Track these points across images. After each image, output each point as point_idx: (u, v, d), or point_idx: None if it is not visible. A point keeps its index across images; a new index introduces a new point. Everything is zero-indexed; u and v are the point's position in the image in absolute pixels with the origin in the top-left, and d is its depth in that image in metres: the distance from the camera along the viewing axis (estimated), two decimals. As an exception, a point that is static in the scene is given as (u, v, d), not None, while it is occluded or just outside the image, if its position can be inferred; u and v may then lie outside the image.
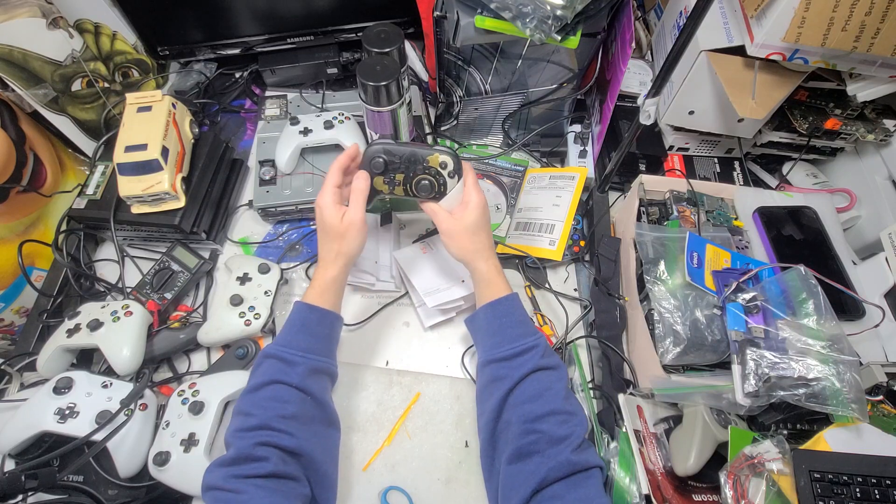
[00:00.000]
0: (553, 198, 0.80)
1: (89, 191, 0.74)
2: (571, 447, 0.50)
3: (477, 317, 0.62)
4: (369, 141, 0.77)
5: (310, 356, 0.57)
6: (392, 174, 0.61)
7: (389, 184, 0.61)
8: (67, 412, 0.57)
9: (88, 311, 0.66)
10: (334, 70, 0.93)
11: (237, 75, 0.97)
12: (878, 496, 0.50)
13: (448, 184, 0.61)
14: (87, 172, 0.78)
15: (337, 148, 0.80)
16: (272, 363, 0.56)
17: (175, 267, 0.74)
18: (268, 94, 0.96)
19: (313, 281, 0.62)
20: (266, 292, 0.71)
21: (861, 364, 0.56)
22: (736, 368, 0.56)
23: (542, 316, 0.74)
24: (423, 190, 0.61)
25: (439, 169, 0.60)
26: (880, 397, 0.59)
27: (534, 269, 0.78)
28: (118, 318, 0.65)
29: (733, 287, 0.61)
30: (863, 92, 0.68)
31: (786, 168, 0.84)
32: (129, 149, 0.69)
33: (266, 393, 0.54)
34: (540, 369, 0.55)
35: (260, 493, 0.47)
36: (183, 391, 0.61)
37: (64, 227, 0.75)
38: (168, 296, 0.72)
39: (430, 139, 0.90)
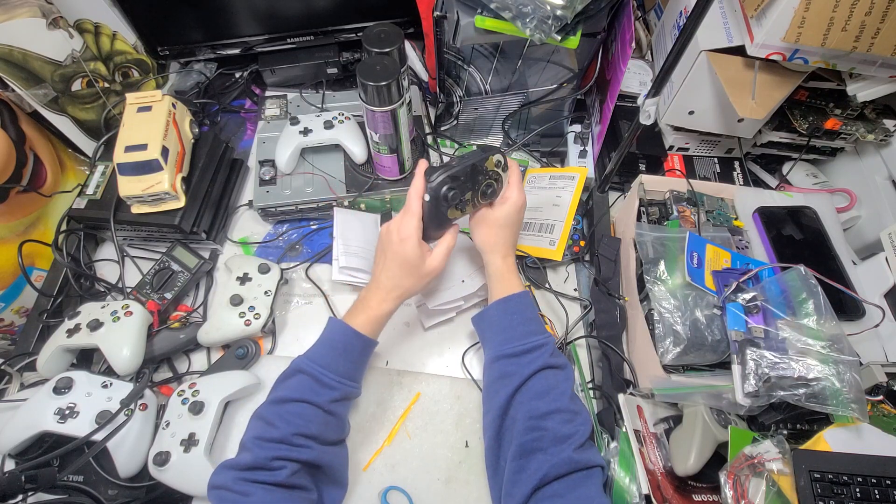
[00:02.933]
0: (553, 198, 0.80)
1: (89, 191, 0.74)
2: (574, 445, 0.51)
3: (487, 312, 0.62)
4: (370, 141, 0.77)
5: (346, 382, 0.56)
6: (462, 197, 0.58)
7: (461, 207, 0.59)
8: (67, 412, 0.57)
9: (88, 311, 0.66)
10: (334, 70, 0.93)
11: (237, 75, 0.97)
12: (878, 496, 0.50)
13: (503, 177, 0.61)
14: (87, 172, 0.78)
15: (337, 148, 0.80)
16: (305, 380, 0.55)
17: (175, 267, 0.74)
18: (268, 94, 0.96)
19: (367, 306, 0.59)
20: (266, 292, 0.71)
21: (861, 364, 0.56)
22: (736, 368, 0.56)
23: (542, 316, 0.74)
24: (488, 196, 0.61)
25: (496, 169, 0.60)
26: (880, 397, 0.59)
27: (534, 269, 0.78)
28: (118, 318, 0.65)
29: (733, 287, 0.61)
30: (863, 92, 0.68)
31: (786, 168, 0.84)
32: (129, 149, 0.69)
33: (293, 408, 0.53)
34: (548, 367, 0.55)
35: (268, 497, 0.47)
36: (183, 391, 0.61)
37: (64, 227, 0.75)
38: (168, 296, 0.72)
39: (430, 139, 0.90)
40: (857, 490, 0.51)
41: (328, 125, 0.79)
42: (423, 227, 0.58)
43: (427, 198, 0.56)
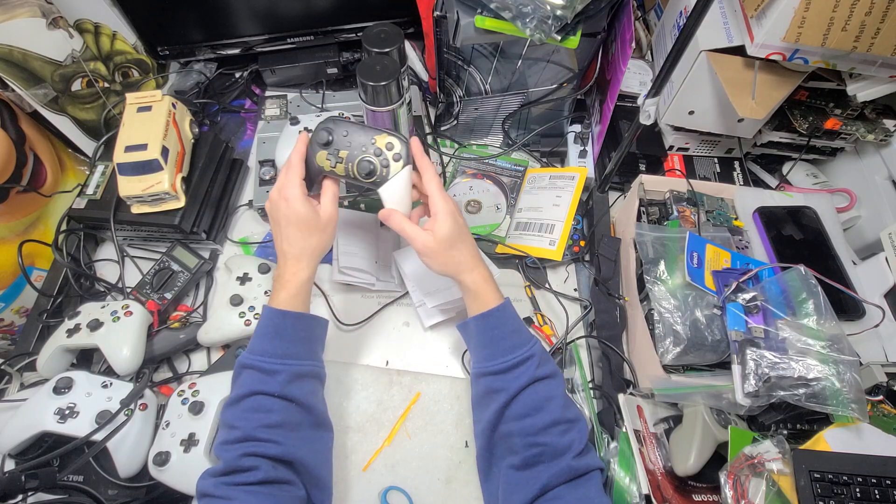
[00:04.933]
0: (553, 198, 0.80)
1: (89, 191, 0.74)
2: (573, 454, 0.50)
3: (468, 327, 0.60)
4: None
5: (289, 362, 0.54)
6: (336, 149, 0.56)
7: (332, 158, 0.56)
8: (67, 412, 0.57)
9: (88, 311, 0.66)
10: (334, 70, 0.93)
11: (237, 75, 0.97)
12: (878, 496, 0.50)
13: (391, 167, 0.56)
14: (87, 172, 0.78)
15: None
16: (250, 374, 0.53)
17: (175, 267, 0.74)
18: (268, 94, 0.96)
19: (283, 282, 0.57)
20: (266, 292, 0.71)
21: (861, 364, 0.56)
22: (736, 368, 0.56)
23: (542, 316, 0.74)
24: (363, 171, 0.56)
25: (384, 150, 0.56)
26: (880, 397, 0.59)
27: (534, 269, 0.78)
28: (118, 318, 0.65)
29: (733, 287, 0.61)
30: (863, 92, 0.68)
31: (786, 168, 0.84)
32: (129, 149, 0.69)
33: (247, 404, 0.52)
34: (537, 380, 0.54)
35: (251, 499, 0.47)
36: (183, 391, 0.61)
37: (64, 227, 0.75)
38: (168, 296, 0.72)
39: (430, 139, 0.90)
40: (857, 490, 0.51)
41: (328, 125, 0.79)
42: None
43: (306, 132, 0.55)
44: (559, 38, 0.64)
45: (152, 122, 0.72)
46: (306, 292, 0.58)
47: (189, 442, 0.57)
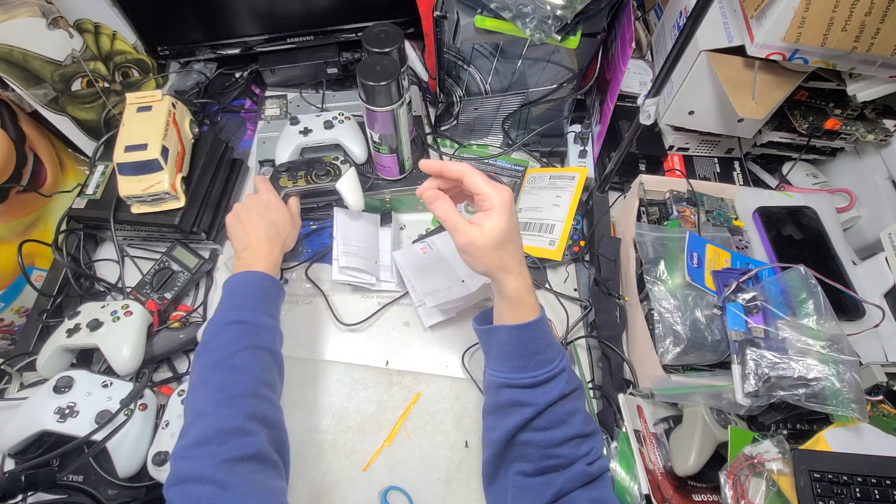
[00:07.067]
0: (553, 198, 0.80)
1: (89, 191, 0.74)
2: (588, 462, 0.50)
3: (497, 333, 0.55)
4: (370, 141, 0.77)
5: (276, 324, 0.58)
6: (294, 172, 0.72)
7: (292, 178, 0.72)
8: (67, 411, 0.57)
9: (88, 310, 0.66)
10: (334, 70, 0.93)
11: (237, 75, 0.97)
12: (878, 496, 0.50)
13: (342, 168, 0.72)
14: (87, 172, 0.78)
15: (337, 147, 0.80)
16: (242, 329, 0.52)
17: (175, 267, 0.74)
18: (268, 94, 0.96)
19: (259, 258, 0.61)
20: (266, 292, 0.71)
21: (861, 364, 0.56)
22: (736, 368, 0.56)
23: (542, 316, 0.74)
24: (321, 173, 0.71)
25: (333, 161, 0.72)
26: (880, 397, 0.59)
27: (534, 269, 0.78)
28: (118, 317, 0.65)
29: (733, 287, 0.60)
30: (863, 92, 0.68)
31: (786, 168, 0.84)
32: (129, 149, 0.69)
33: (246, 357, 0.50)
34: (564, 396, 0.52)
35: (248, 489, 0.43)
36: (183, 391, 0.61)
37: (64, 226, 0.75)
38: (168, 296, 0.72)
39: (430, 139, 0.90)
40: (857, 490, 0.51)
41: (328, 125, 0.79)
42: None
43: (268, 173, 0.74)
44: (559, 38, 0.64)
45: (152, 122, 0.72)
46: (277, 271, 0.63)
47: (189, 442, 0.57)
